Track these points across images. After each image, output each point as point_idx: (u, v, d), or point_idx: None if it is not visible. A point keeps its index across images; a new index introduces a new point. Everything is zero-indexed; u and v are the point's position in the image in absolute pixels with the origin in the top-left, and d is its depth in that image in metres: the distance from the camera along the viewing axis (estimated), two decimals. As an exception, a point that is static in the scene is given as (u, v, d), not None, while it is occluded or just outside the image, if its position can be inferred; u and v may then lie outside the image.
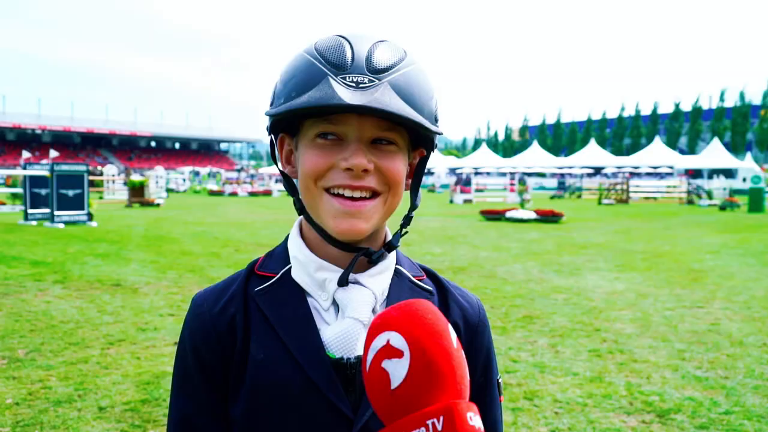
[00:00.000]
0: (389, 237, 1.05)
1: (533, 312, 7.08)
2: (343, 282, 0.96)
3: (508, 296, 7.93)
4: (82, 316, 6.56)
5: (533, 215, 20.11)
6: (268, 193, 44.04)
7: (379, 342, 0.73)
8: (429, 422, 0.67)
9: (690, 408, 4.29)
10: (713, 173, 56.95)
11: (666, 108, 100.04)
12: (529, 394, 4.52)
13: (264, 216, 21.79)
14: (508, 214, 20.50)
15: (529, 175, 66.81)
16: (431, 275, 1.12)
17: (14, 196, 21.33)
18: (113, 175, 37.53)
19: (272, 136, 1.02)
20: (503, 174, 59.21)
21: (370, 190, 0.94)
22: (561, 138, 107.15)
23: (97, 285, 8.29)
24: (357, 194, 0.93)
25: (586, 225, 19.12)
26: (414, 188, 1.04)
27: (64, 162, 19.45)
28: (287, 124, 0.99)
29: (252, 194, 42.70)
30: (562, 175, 70.88)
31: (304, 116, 0.94)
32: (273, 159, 1.05)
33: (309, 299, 0.98)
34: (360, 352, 0.93)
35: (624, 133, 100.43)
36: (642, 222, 20.55)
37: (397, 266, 1.05)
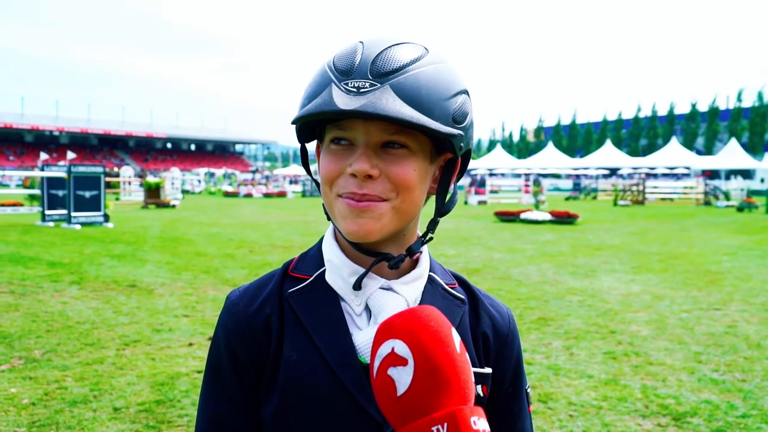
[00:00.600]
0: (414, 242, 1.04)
1: (548, 314, 7.04)
2: (357, 286, 0.96)
3: (523, 298, 7.89)
4: (97, 317, 6.61)
5: (548, 216, 20.00)
6: (282, 194, 44.19)
7: (385, 349, 0.74)
8: (434, 428, 0.68)
9: (707, 411, 4.24)
10: (730, 174, 56.39)
11: (682, 108, 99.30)
12: (543, 397, 4.49)
13: (279, 217, 21.85)
14: (523, 216, 20.41)
15: (544, 176, 66.50)
16: (463, 283, 1.12)
17: (32, 197, 21.56)
18: (129, 177, 37.84)
19: (302, 143, 1.03)
20: (518, 175, 58.97)
21: (375, 198, 0.92)
22: (576, 139, 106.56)
23: (112, 286, 8.35)
24: (362, 200, 0.93)
25: (601, 226, 18.99)
26: (440, 192, 1.01)
27: (81, 163, 19.64)
28: (313, 131, 1.00)
29: (267, 195, 42.87)
30: (578, 176, 70.50)
31: (323, 122, 0.96)
32: (303, 165, 1.08)
33: (342, 303, 0.98)
34: None
35: (640, 134, 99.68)
36: (658, 223, 20.37)
37: (431, 273, 1.05)
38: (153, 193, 27.49)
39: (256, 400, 0.98)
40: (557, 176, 74.58)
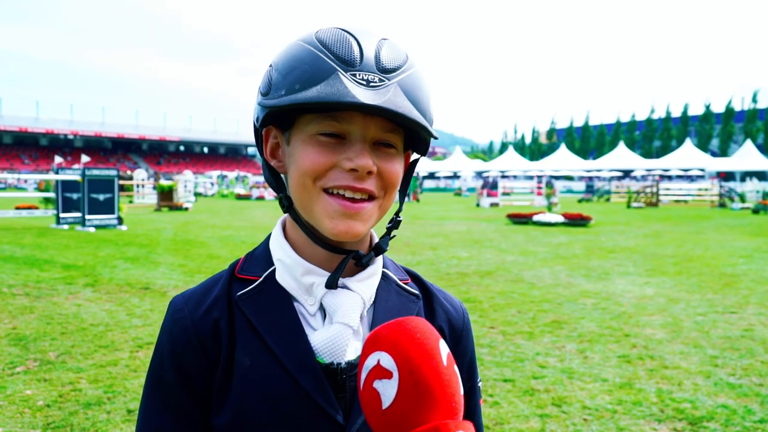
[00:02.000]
0: (375, 240, 1.03)
1: (561, 317, 7.00)
2: (332, 285, 0.93)
3: (536, 301, 7.85)
4: (111, 319, 6.65)
5: (561, 219, 19.91)
6: (294, 197, 44.20)
7: (371, 362, 0.72)
8: None
9: (723, 416, 4.19)
10: (746, 176, 55.87)
11: (697, 110, 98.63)
12: (557, 401, 4.46)
13: (290, 220, 21.86)
14: (536, 218, 20.33)
15: (557, 178, 66.27)
16: (416, 279, 1.09)
17: (47, 200, 21.73)
18: (143, 180, 38.08)
19: (261, 128, 0.98)
20: (530, 177, 58.76)
21: (369, 192, 0.91)
22: (589, 141, 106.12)
23: (126, 288, 8.40)
24: (357, 196, 0.90)
25: (615, 228, 18.87)
26: (402, 191, 1.01)
27: (95, 167, 19.80)
28: (280, 116, 0.94)
29: (279, 198, 42.91)
30: (590, 178, 70.19)
31: (303, 111, 0.90)
32: (260, 151, 1.01)
33: (294, 304, 0.95)
34: (349, 357, 0.92)
35: (654, 136, 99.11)
36: (672, 225, 20.22)
37: (384, 270, 1.02)
38: (166, 195, 27.64)
39: (205, 410, 0.93)
40: (570, 178, 74.28)
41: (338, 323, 0.92)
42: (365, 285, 0.96)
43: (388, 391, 0.70)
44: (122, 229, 17.11)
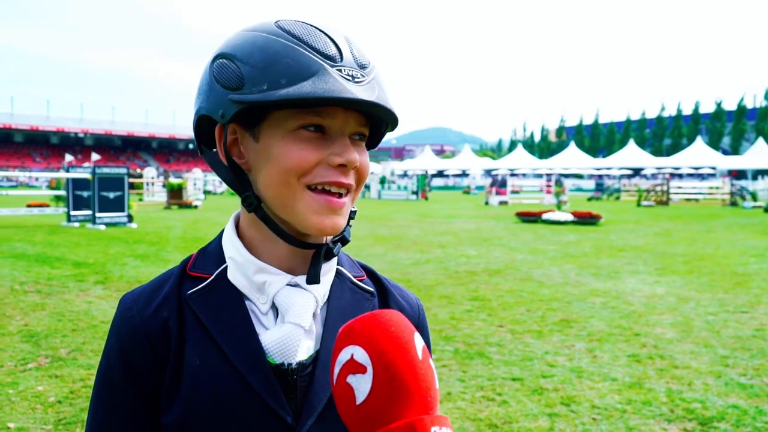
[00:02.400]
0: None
1: (570, 316, 6.98)
2: (314, 280, 0.91)
3: (545, 299, 7.83)
4: (121, 317, 6.68)
5: (570, 217, 19.84)
6: (303, 195, 44.27)
7: (344, 356, 0.71)
8: None
9: (734, 416, 4.17)
10: (758, 174, 55.44)
11: (708, 107, 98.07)
12: (566, 400, 4.45)
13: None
14: (545, 216, 20.27)
15: (566, 176, 66.04)
16: (371, 274, 1.08)
17: (58, 198, 21.87)
18: (152, 178, 38.25)
19: (209, 123, 0.93)
20: (539, 175, 58.60)
21: (350, 187, 0.91)
22: (599, 139, 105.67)
23: (136, 285, 8.41)
24: (342, 191, 0.90)
25: (624, 227, 18.79)
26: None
27: (105, 165, 19.90)
28: (245, 112, 0.89)
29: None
30: (600, 176, 69.90)
31: (276, 106, 0.87)
32: (200, 148, 0.96)
33: (246, 302, 0.93)
34: (301, 357, 0.91)
35: (664, 134, 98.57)
36: (683, 224, 20.10)
37: (338, 267, 1.01)
38: (175, 193, 27.75)
39: (153, 409, 0.91)
40: (579, 176, 74.00)
41: (289, 323, 0.90)
42: (318, 283, 0.95)
43: (362, 386, 0.69)
44: (132, 227, 17.20)
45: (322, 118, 0.87)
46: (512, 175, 66.42)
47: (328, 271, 0.97)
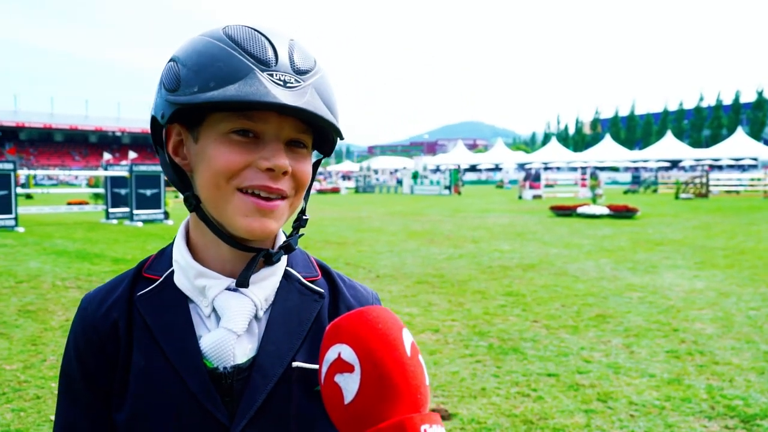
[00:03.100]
0: (282, 238, 1.01)
1: (606, 311, 6.88)
2: (244, 284, 0.92)
3: (580, 294, 7.73)
4: (159, 312, 6.80)
5: (606, 211, 19.55)
6: (336, 190, 44.57)
7: (331, 355, 0.71)
8: None
9: (777, 414, 4.06)
10: (801, 165, 53.85)
11: (749, 96, 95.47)
12: (602, 396, 4.38)
13: (331, 213, 22.03)
14: (580, 210, 20.01)
15: (602, 169, 65.05)
16: (327, 274, 1.07)
17: (96, 196, 22.35)
18: (188, 175, 38.78)
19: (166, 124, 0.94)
20: (574, 169, 57.87)
21: (282, 193, 0.91)
22: (635, 130, 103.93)
23: (173, 281, 8.58)
24: (273, 196, 0.90)
25: (662, 220, 18.44)
26: (307, 190, 1.00)
27: (142, 163, 20.27)
28: (187, 113, 0.91)
29: (320, 192, 43.31)
30: (637, 169, 68.75)
31: (214, 109, 0.88)
32: (159, 147, 0.97)
33: (191, 305, 0.95)
34: (236, 361, 0.91)
35: (703, 124, 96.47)
36: (723, 217, 19.64)
37: (287, 268, 1.01)
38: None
39: (108, 406, 0.95)
40: (615, 169, 72.85)
41: (222, 328, 0.92)
42: (259, 287, 0.95)
43: (350, 385, 0.69)
44: (168, 224, 17.49)
45: (254, 123, 0.88)
46: (546, 168, 65.72)
47: (272, 275, 0.97)
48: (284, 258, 1.00)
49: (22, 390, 4.50)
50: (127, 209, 17.91)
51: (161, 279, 0.97)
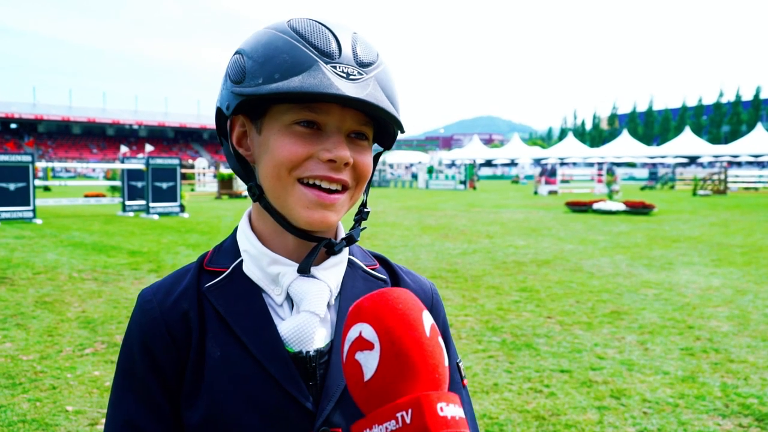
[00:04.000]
0: (342, 229, 1.03)
1: (621, 307, 6.83)
2: (304, 270, 0.94)
3: (595, 291, 7.69)
4: (174, 304, 6.85)
5: (622, 207, 19.40)
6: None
7: (353, 334, 0.72)
8: (398, 415, 0.66)
9: (793, 413, 4.01)
10: (822, 161, 53.09)
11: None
12: (616, 393, 4.36)
13: (347, 207, 22.02)
14: (596, 206, 19.87)
15: (618, 165, 64.55)
16: (384, 262, 1.10)
17: (113, 188, 22.55)
18: (204, 168, 39.02)
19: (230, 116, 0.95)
20: (590, 164, 57.48)
21: (344, 183, 0.92)
22: (653, 126, 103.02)
23: (188, 274, 8.63)
24: (333, 186, 0.91)
25: (679, 217, 18.27)
26: (367, 183, 1.01)
27: (158, 156, 20.42)
28: (251, 105, 0.93)
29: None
30: (654, 164, 68.10)
31: (278, 100, 0.90)
32: (223, 138, 0.99)
33: (262, 294, 0.95)
34: (317, 345, 0.92)
35: (722, 120, 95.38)
36: (741, 214, 19.42)
37: (350, 257, 1.03)
38: (226, 183, 28.26)
39: (175, 403, 0.92)
40: (632, 165, 72.24)
41: (305, 312, 0.92)
42: (331, 273, 0.97)
43: (369, 362, 0.70)
44: (184, 217, 17.60)
45: (316, 114, 0.90)
46: (562, 164, 65.32)
47: (339, 262, 0.99)
48: (346, 248, 1.02)
49: (38, 380, 4.56)
50: (143, 202, 18.04)
51: (229, 270, 0.97)
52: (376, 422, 0.68)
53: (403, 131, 0.96)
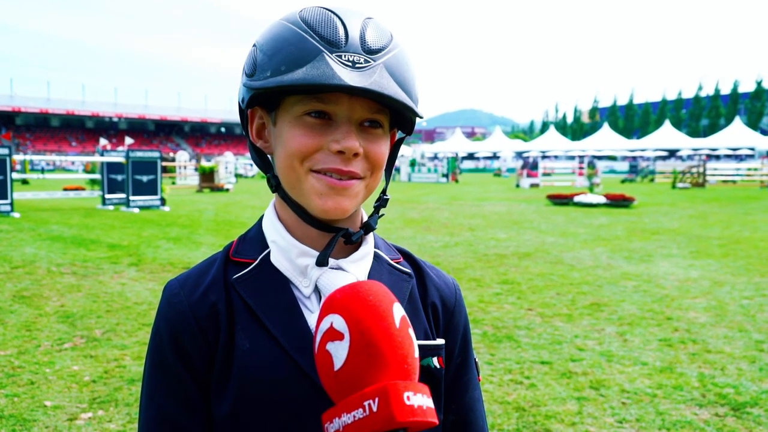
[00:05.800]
0: (365, 218, 1.03)
1: (601, 299, 6.90)
2: (323, 263, 0.93)
3: (575, 283, 7.76)
4: (154, 298, 6.81)
5: (603, 200, 19.58)
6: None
7: (325, 325, 0.73)
8: (366, 403, 0.67)
9: (768, 402, 4.09)
10: (798, 155, 53.89)
11: (747, 87, 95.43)
12: (595, 384, 4.41)
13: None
14: (576, 199, 20.03)
15: (599, 158, 65.05)
16: (408, 257, 1.10)
17: (93, 181, 22.32)
18: (185, 161, 38.70)
19: (246, 109, 0.97)
20: (572, 157, 57.82)
21: (354, 175, 0.91)
22: (633, 120, 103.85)
23: (169, 268, 8.58)
24: (344, 178, 0.91)
25: (658, 210, 18.47)
26: (388, 170, 1.01)
27: (138, 149, 20.18)
28: (265, 98, 0.94)
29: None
30: (634, 158, 68.77)
31: (289, 92, 0.90)
32: (245, 132, 1.01)
33: (290, 286, 0.95)
34: None
35: (701, 114, 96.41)
36: (719, 207, 19.68)
37: (375, 250, 1.03)
38: (207, 177, 28.06)
39: (206, 395, 0.92)
40: (613, 158, 72.83)
41: None
42: (358, 266, 0.97)
43: (339, 352, 0.71)
44: (165, 210, 17.46)
45: (326, 105, 0.89)
46: (544, 157, 65.64)
47: (366, 255, 1.00)
48: (371, 241, 1.02)
49: (16, 375, 4.52)
50: (123, 195, 17.86)
51: (257, 261, 0.97)
52: (345, 411, 0.69)
53: (420, 117, 0.94)
